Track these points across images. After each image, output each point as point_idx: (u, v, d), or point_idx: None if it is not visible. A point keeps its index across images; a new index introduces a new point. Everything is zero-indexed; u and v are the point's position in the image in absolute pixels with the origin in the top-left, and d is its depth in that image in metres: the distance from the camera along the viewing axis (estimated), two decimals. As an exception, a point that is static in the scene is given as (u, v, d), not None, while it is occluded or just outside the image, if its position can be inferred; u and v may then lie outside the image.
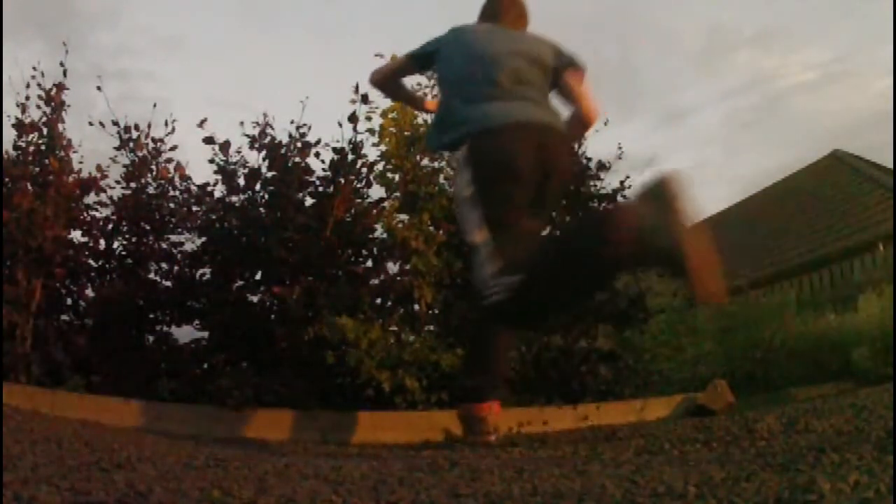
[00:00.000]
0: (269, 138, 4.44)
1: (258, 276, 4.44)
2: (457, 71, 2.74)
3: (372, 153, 4.53)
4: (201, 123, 4.40)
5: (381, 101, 4.35)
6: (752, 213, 14.96)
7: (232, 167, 4.47)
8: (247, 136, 4.45)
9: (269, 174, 4.43)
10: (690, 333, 6.22)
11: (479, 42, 2.74)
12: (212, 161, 4.45)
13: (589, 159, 4.81)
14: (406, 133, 4.46)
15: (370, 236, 4.47)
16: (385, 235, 4.40)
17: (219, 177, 4.45)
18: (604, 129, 4.79)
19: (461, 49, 2.77)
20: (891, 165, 11.58)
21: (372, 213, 4.44)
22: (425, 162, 4.55)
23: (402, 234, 4.14)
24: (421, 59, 2.98)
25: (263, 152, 4.43)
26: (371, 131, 4.47)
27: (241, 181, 4.45)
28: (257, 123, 4.46)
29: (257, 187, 4.46)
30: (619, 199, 4.79)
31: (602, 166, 4.81)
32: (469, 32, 2.86)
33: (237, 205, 4.42)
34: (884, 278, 7.65)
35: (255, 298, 4.45)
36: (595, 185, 4.81)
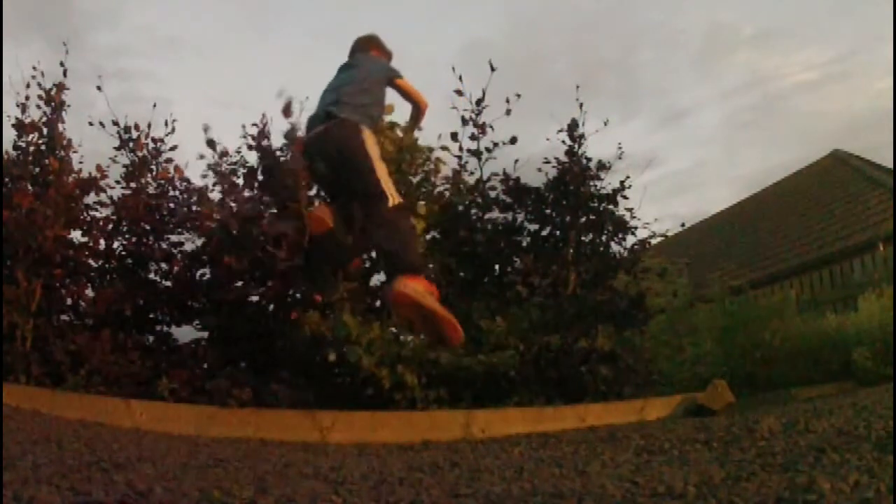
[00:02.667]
0: (265, 140, 4.46)
1: (257, 276, 4.44)
2: None
3: None
4: (205, 129, 4.42)
5: None
6: (752, 213, 14.94)
7: (232, 167, 4.49)
8: (246, 136, 4.47)
9: (265, 176, 4.45)
10: (690, 333, 6.21)
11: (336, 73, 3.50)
12: (210, 167, 4.49)
13: (589, 159, 4.81)
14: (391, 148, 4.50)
15: None
16: None
17: (215, 178, 4.48)
18: (604, 130, 4.81)
19: None
20: (891, 165, 11.57)
21: None
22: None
23: None
24: None
25: (260, 154, 4.45)
26: None
27: (241, 181, 4.46)
28: (256, 125, 4.48)
29: (256, 187, 4.47)
30: (619, 198, 4.80)
31: (602, 166, 4.81)
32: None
33: (235, 208, 4.42)
34: (884, 278, 7.64)
35: (254, 298, 4.46)
36: (595, 185, 4.80)
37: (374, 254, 4.19)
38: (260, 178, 4.46)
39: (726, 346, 6.14)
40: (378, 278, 4.48)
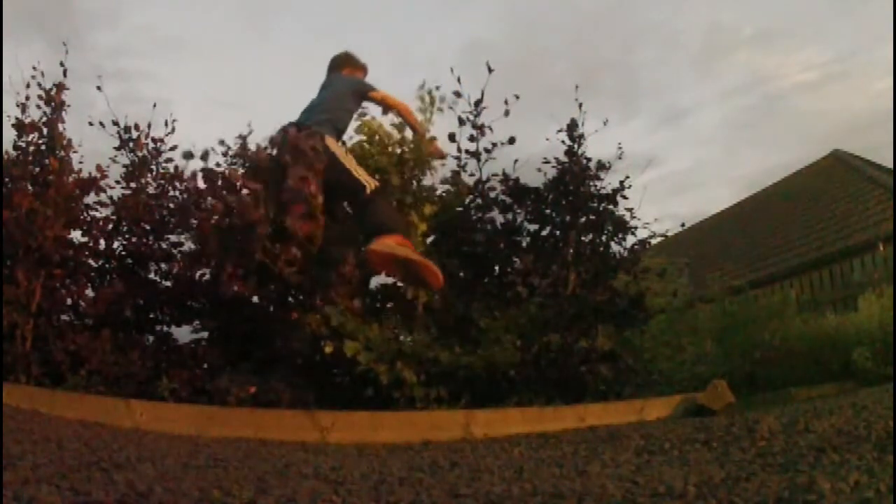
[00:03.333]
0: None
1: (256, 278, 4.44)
2: None
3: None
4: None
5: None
6: (752, 213, 14.94)
7: (232, 167, 4.51)
8: (225, 145, 4.53)
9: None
10: (690, 333, 6.21)
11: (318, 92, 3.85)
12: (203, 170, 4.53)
13: (588, 159, 4.81)
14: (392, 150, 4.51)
15: None
16: None
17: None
18: (604, 130, 4.82)
19: None
20: (891, 165, 11.57)
21: None
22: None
23: None
24: None
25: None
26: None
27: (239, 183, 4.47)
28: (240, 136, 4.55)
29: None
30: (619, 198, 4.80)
31: (602, 166, 4.81)
32: None
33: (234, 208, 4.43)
34: (884, 278, 7.63)
35: (254, 298, 4.46)
36: (595, 185, 4.80)
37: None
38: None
39: (726, 346, 6.13)
40: (376, 281, 4.52)
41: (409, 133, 4.50)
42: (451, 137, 4.74)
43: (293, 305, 4.31)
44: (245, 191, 4.46)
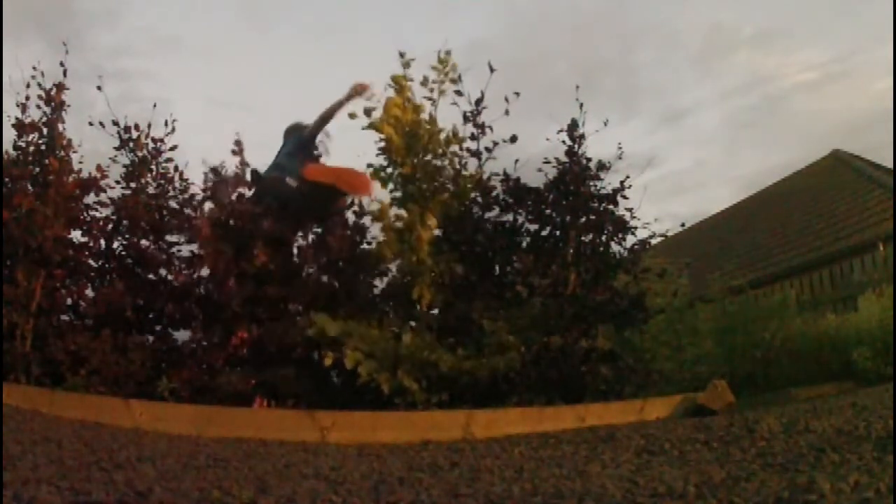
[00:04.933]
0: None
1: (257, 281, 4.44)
2: None
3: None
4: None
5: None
6: (752, 213, 14.91)
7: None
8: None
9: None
10: (690, 333, 6.20)
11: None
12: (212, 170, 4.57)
13: (589, 159, 4.80)
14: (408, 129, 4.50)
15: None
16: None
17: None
18: (604, 130, 4.81)
19: None
20: (891, 165, 11.55)
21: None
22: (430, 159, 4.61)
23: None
24: None
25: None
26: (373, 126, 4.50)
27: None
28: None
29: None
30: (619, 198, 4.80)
31: (602, 166, 4.80)
32: None
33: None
34: (884, 278, 7.62)
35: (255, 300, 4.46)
36: (595, 185, 4.80)
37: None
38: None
39: (726, 346, 6.13)
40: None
41: (425, 115, 4.61)
42: (455, 136, 4.77)
43: (290, 309, 4.31)
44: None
